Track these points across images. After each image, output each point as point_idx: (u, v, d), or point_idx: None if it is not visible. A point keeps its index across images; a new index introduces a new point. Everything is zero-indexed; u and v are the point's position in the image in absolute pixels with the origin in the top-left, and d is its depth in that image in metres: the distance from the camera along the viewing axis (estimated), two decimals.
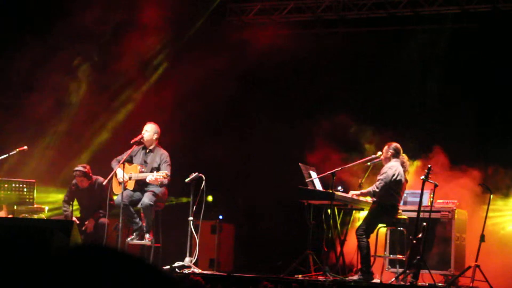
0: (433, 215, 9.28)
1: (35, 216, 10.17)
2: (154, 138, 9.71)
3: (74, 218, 10.08)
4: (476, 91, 11.42)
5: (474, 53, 11.43)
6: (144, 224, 9.50)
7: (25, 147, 10.33)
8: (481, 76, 11.44)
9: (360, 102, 11.80)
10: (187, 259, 9.25)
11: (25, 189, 10.00)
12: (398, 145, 9.38)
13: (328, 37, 12.17)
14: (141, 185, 9.54)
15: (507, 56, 11.22)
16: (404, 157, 9.32)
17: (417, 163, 10.48)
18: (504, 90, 11.21)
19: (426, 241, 8.83)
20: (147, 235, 9.48)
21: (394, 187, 9.11)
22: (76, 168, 10.19)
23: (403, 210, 9.36)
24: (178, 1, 12.40)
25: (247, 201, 12.46)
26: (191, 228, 9.36)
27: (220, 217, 11.87)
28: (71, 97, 12.25)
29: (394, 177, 9.07)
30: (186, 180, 9.36)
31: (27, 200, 10.04)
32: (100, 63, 12.26)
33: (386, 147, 9.37)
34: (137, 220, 9.52)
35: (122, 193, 9.39)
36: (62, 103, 12.21)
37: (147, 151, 9.74)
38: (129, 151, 9.63)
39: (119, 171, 9.50)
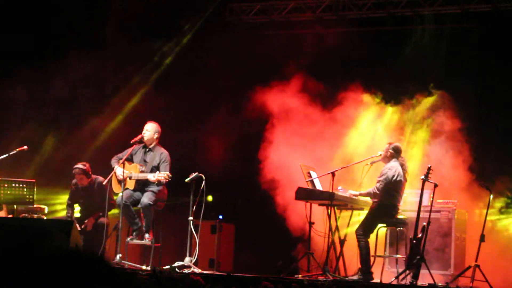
0: (433, 215, 9.27)
1: (35, 216, 10.17)
2: (154, 137, 9.72)
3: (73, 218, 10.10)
4: (476, 91, 11.41)
5: (474, 53, 11.42)
6: (143, 224, 9.50)
7: (25, 147, 10.33)
8: (481, 76, 11.43)
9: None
10: (187, 259, 9.25)
11: (25, 189, 9.99)
12: (399, 145, 9.36)
13: (328, 37, 12.16)
14: (141, 185, 9.54)
15: (507, 56, 11.21)
16: (403, 158, 9.32)
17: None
18: (504, 90, 11.20)
19: (426, 241, 8.82)
20: (147, 235, 9.47)
21: (394, 188, 9.10)
22: (76, 166, 10.17)
23: (403, 210, 9.36)
24: (178, 1, 12.39)
25: (247, 201, 12.45)
26: (191, 228, 9.35)
27: (220, 217, 11.86)
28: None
29: (394, 178, 9.06)
30: (186, 180, 9.35)
31: (27, 200, 10.02)
32: (100, 64, 12.25)
33: (386, 146, 9.36)
34: (137, 220, 9.51)
35: (123, 193, 9.40)
36: (62, 102, 12.22)
37: (147, 150, 9.73)
38: (129, 150, 9.63)
39: (118, 170, 9.48)
